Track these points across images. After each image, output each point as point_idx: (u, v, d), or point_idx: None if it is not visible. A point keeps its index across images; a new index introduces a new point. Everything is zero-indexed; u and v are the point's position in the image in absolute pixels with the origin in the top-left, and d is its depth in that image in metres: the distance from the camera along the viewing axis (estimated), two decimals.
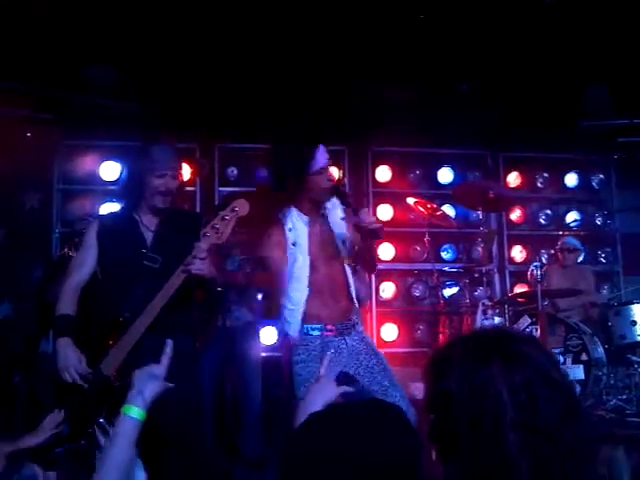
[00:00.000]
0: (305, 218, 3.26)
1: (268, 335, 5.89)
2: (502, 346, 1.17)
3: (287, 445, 1.23)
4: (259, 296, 5.06)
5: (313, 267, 3.21)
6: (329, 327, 3.20)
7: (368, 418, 1.23)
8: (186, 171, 6.05)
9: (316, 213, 3.29)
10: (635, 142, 6.71)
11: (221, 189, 6.27)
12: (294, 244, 3.20)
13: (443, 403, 1.15)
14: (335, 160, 6.55)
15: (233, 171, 6.36)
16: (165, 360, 1.84)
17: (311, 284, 3.19)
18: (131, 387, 1.74)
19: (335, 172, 6.53)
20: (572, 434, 1.11)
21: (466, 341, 1.23)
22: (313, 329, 3.18)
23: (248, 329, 4.88)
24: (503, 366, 1.13)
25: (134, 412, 1.67)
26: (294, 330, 3.17)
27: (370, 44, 5.35)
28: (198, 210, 6.00)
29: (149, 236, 3.12)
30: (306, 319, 3.18)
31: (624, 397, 5.22)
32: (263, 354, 5.14)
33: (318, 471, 1.14)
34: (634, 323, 5.30)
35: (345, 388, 1.71)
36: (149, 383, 1.74)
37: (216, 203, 6.14)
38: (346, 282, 3.31)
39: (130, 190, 3.17)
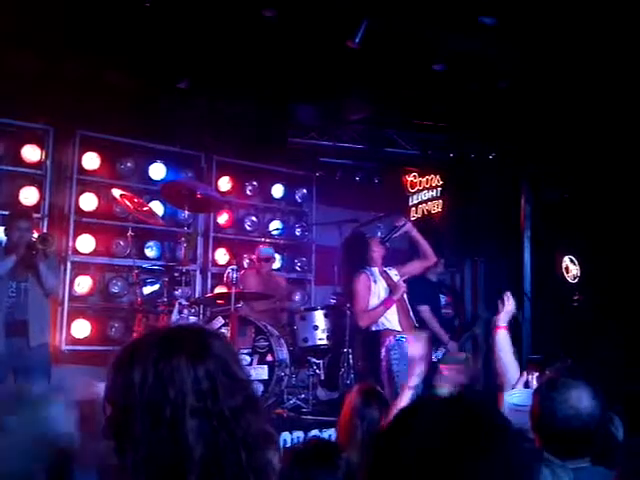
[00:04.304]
0: None
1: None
2: (189, 339, 1.21)
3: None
4: None
5: None
6: None
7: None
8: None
9: None
10: (335, 163, 7.39)
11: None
12: None
13: (125, 392, 1.15)
14: (37, 140, 6.06)
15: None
16: None
17: None
18: None
19: (35, 153, 6.03)
20: (247, 424, 1.16)
21: (155, 334, 1.24)
22: None
23: None
24: (188, 357, 1.15)
25: None
26: None
27: (90, 25, 5.03)
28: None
29: None
30: None
31: (302, 396, 5.61)
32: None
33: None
34: (316, 327, 5.74)
35: None
36: None
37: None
38: None
39: None
